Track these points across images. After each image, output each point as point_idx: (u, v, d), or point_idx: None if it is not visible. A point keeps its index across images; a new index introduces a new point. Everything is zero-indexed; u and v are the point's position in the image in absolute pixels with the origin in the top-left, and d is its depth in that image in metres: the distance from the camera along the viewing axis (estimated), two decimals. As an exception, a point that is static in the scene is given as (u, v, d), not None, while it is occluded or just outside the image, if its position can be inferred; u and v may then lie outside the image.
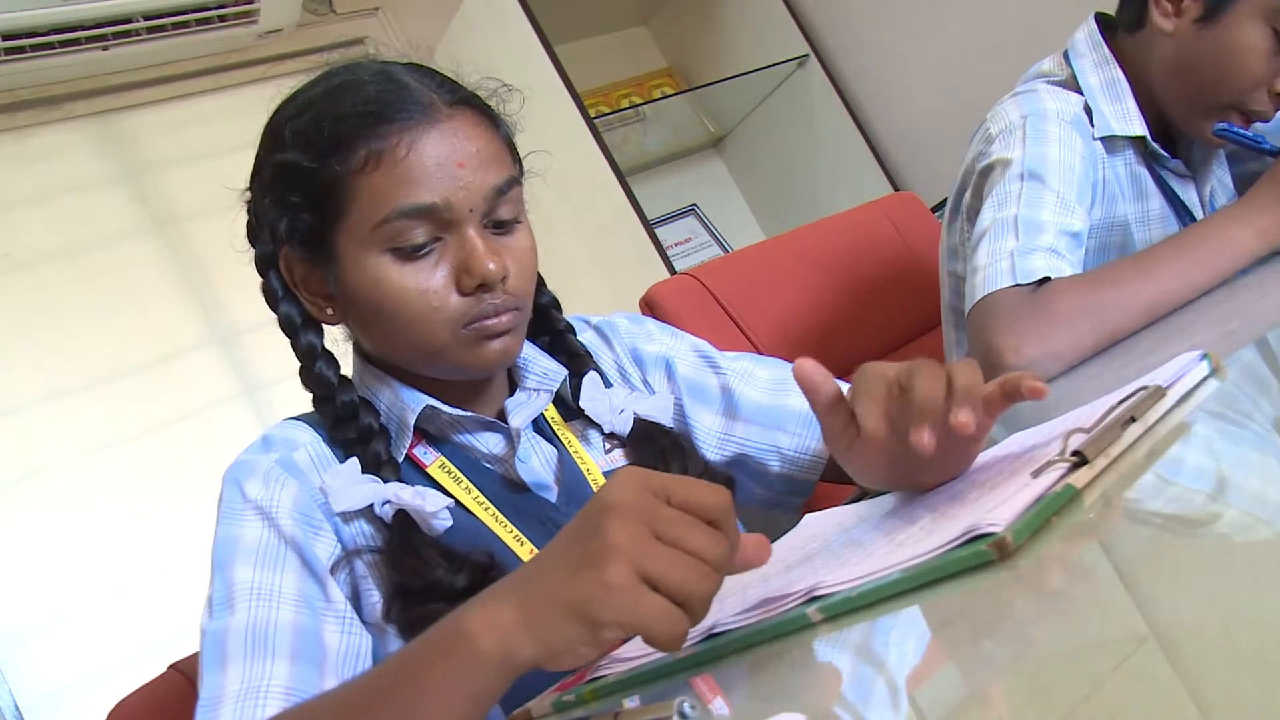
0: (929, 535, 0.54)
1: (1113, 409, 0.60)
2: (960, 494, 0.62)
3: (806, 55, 2.49)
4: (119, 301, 2.25)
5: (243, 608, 0.74)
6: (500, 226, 0.83)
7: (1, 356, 2.12)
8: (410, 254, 0.79)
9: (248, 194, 0.88)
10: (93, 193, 2.32)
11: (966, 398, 0.59)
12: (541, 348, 0.96)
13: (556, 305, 0.99)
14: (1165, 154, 1.23)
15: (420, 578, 0.76)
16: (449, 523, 0.80)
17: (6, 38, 2.05)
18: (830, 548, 0.67)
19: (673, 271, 2.15)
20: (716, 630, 0.58)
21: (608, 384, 0.97)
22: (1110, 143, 1.21)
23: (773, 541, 0.81)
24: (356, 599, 0.80)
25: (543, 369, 0.92)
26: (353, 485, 0.80)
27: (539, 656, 0.53)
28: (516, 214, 0.84)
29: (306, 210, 0.81)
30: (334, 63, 0.87)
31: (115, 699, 1.00)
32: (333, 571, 0.79)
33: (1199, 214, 1.27)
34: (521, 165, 0.89)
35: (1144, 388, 0.62)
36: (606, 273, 2.36)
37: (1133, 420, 0.59)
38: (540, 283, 0.96)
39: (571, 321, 1.00)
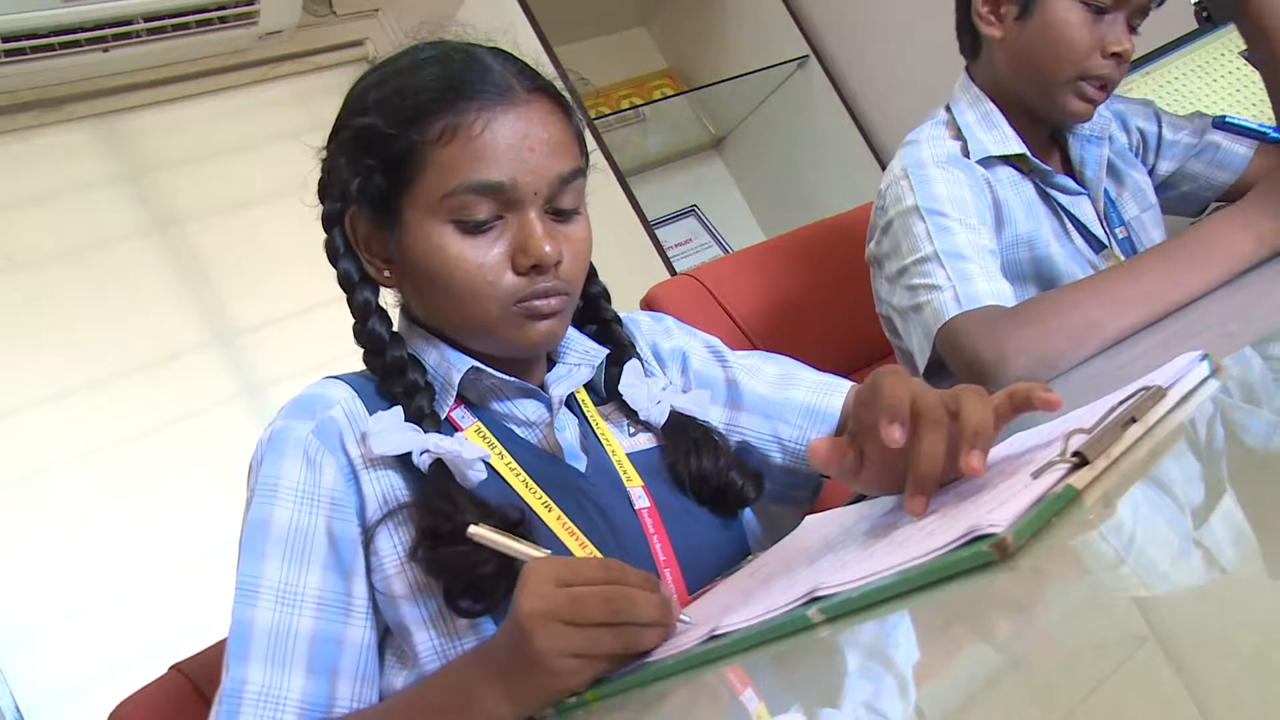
0: (930, 536, 0.54)
1: (1113, 409, 0.60)
2: (961, 494, 0.62)
3: (806, 56, 2.49)
4: (120, 302, 2.24)
5: (266, 605, 0.77)
6: (560, 214, 0.86)
7: (3, 357, 2.11)
8: (472, 228, 0.83)
9: (323, 152, 0.91)
10: (94, 194, 2.31)
11: (977, 438, 0.59)
12: (588, 335, 0.99)
13: (606, 296, 1.02)
14: (1048, 169, 1.27)
15: (449, 520, 0.77)
16: (483, 475, 0.82)
17: (7, 39, 2.05)
18: (831, 548, 0.67)
19: (673, 272, 2.15)
20: (718, 631, 0.58)
21: (648, 374, 0.99)
22: (989, 164, 1.25)
23: (774, 544, 0.82)
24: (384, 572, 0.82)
25: (584, 348, 0.95)
26: (395, 431, 0.82)
27: None
28: (577, 204, 0.88)
29: (379, 173, 0.84)
30: (423, 38, 0.91)
31: (116, 700, 1.00)
32: (370, 539, 0.81)
33: (1096, 228, 1.29)
34: (588, 159, 0.92)
35: (1144, 388, 0.62)
36: (607, 273, 2.34)
37: (1133, 421, 0.59)
38: (592, 273, 1.00)
39: None
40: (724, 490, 0.91)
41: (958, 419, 0.60)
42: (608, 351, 0.96)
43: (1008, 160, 1.27)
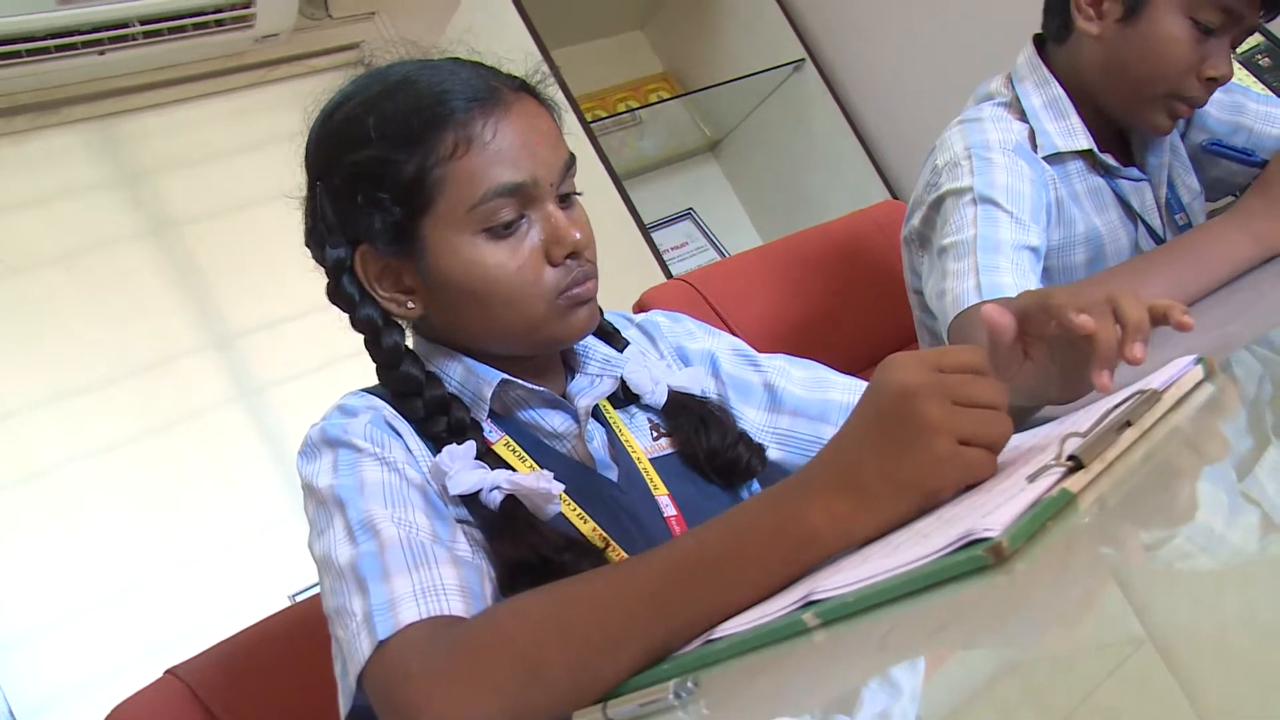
0: (925, 540, 0.54)
1: (1108, 413, 0.60)
2: (956, 498, 0.62)
3: (802, 59, 2.49)
4: (117, 305, 2.24)
5: (389, 529, 0.73)
6: (564, 202, 0.87)
7: (1, 360, 2.11)
8: (501, 232, 0.82)
9: (307, 200, 0.88)
10: (90, 197, 2.31)
11: (1138, 333, 0.64)
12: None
13: None
14: (1116, 164, 1.25)
15: (536, 553, 0.77)
16: (559, 509, 0.81)
17: (2, 42, 2.05)
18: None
19: (669, 275, 2.15)
20: (713, 635, 0.58)
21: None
22: (1058, 160, 1.23)
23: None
24: None
25: (604, 356, 0.95)
26: (468, 469, 0.81)
27: (874, 533, 0.59)
28: (573, 189, 0.88)
29: (395, 204, 0.82)
30: (370, 66, 0.88)
31: (112, 704, 1.00)
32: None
33: (1154, 220, 1.27)
34: None
35: (1139, 392, 0.62)
36: (603, 276, 2.35)
37: (1128, 424, 0.59)
38: None
39: (613, 319, 1.02)
40: (733, 464, 0.92)
41: (1119, 316, 0.65)
42: (628, 361, 0.95)
43: (1078, 153, 1.23)
